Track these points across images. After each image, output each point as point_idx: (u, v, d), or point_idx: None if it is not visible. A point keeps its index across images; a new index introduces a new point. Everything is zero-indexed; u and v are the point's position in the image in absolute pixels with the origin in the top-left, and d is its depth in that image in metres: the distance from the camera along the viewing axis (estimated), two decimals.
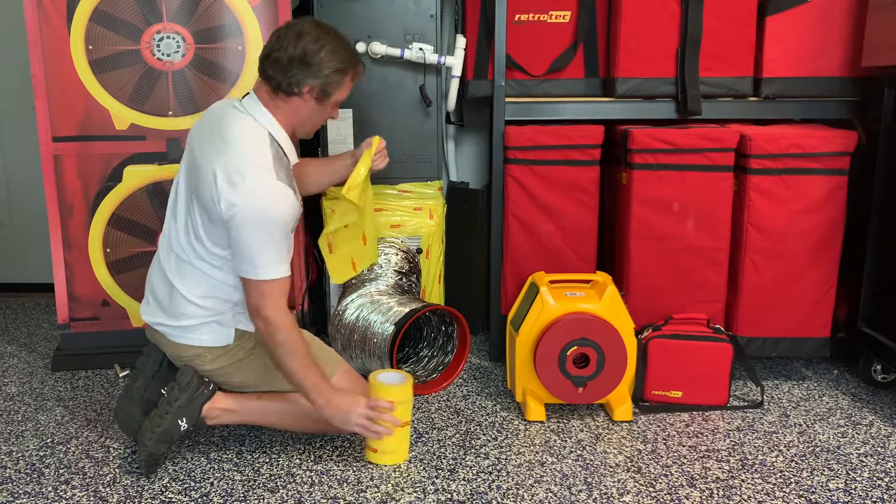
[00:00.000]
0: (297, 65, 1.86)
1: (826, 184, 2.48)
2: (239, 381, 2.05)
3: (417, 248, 2.75)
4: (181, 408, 1.94)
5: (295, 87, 1.88)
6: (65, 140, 2.60)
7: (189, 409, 1.95)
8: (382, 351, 2.43)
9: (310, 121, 2.00)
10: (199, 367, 2.02)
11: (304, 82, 1.88)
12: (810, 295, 2.53)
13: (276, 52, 1.87)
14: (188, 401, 1.95)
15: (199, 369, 2.02)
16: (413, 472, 2.01)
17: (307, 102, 1.93)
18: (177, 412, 1.94)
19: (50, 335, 3.08)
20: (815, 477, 2.00)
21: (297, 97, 1.91)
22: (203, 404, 1.97)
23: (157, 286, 2.05)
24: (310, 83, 1.89)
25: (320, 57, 1.86)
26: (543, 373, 2.26)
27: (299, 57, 1.85)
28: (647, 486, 1.95)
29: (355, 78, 1.99)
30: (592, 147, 2.59)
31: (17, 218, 3.60)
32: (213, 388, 1.99)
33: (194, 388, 1.96)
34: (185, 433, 1.96)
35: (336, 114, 2.06)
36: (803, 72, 2.59)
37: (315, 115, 1.99)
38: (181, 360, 2.04)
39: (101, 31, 2.54)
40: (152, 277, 2.09)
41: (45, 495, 1.91)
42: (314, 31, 1.87)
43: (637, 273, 2.55)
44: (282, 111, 1.94)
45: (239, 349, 2.02)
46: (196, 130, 2.01)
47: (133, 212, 2.66)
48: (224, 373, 2.03)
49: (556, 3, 2.66)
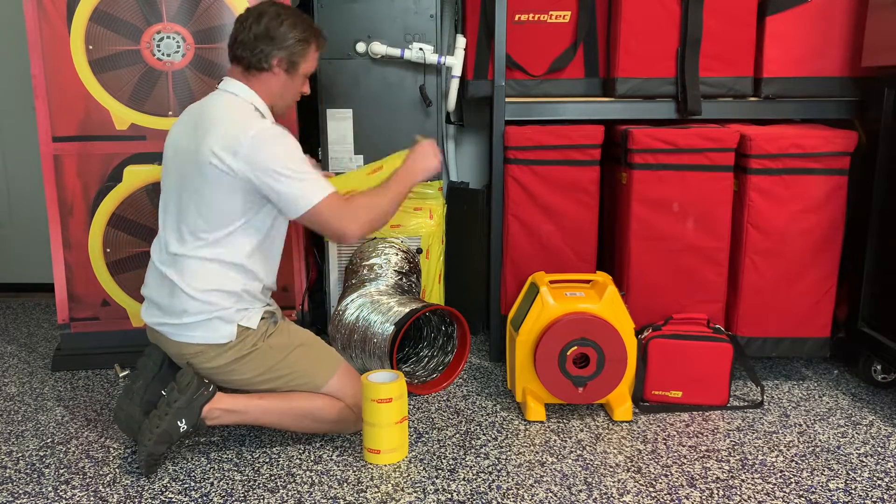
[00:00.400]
0: (262, 41, 2.00)
1: (826, 184, 2.48)
2: (241, 379, 2.05)
3: (417, 248, 2.76)
4: (180, 409, 1.94)
5: (264, 61, 2.02)
6: (65, 140, 2.60)
7: (188, 410, 1.95)
8: (382, 351, 2.43)
9: (283, 95, 2.10)
10: (200, 366, 2.02)
11: (271, 55, 2.01)
12: (810, 295, 2.53)
13: (242, 33, 2.01)
14: (187, 402, 1.95)
15: (201, 368, 2.02)
16: (413, 472, 2.01)
17: (277, 75, 2.05)
18: (176, 413, 1.94)
19: (50, 335, 3.08)
20: (815, 477, 2.00)
21: (267, 72, 2.04)
22: (203, 406, 1.97)
23: (155, 288, 2.06)
24: (277, 55, 2.02)
25: (281, 31, 2.01)
26: (543, 373, 2.26)
27: (263, 33, 1.99)
28: (647, 486, 1.95)
29: (319, 49, 2.12)
30: (592, 147, 2.59)
31: (17, 218, 3.60)
32: (212, 389, 1.99)
33: (194, 389, 1.96)
34: (185, 434, 1.96)
35: (307, 88, 2.16)
36: (803, 72, 2.59)
37: (287, 89, 2.10)
38: (183, 358, 2.04)
39: (101, 30, 2.54)
40: (149, 280, 2.10)
41: (45, 495, 1.91)
42: (272, 10, 2.03)
43: (637, 273, 2.55)
44: (256, 87, 2.05)
45: (241, 346, 2.03)
46: (178, 130, 2.08)
47: (133, 212, 2.66)
48: (226, 370, 2.03)
49: (556, 3, 2.66)
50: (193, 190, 1.97)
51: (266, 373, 2.05)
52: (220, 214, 1.97)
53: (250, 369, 2.04)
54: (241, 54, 2.02)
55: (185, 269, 1.99)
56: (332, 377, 2.09)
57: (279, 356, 2.06)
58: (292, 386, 2.07)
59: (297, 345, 2.09)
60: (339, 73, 2.74)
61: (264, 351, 2.04)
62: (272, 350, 2.05)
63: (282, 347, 2.07)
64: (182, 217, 2.00)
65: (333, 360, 2.14)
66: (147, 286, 2.11)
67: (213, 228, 1.97)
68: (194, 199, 1.97)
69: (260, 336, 2.05)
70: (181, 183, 2.01)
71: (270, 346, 2.05)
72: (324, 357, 2.13)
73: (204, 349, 2.01)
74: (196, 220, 1.98)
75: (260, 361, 2.04)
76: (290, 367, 2.06)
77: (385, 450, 2.04)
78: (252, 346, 2.04)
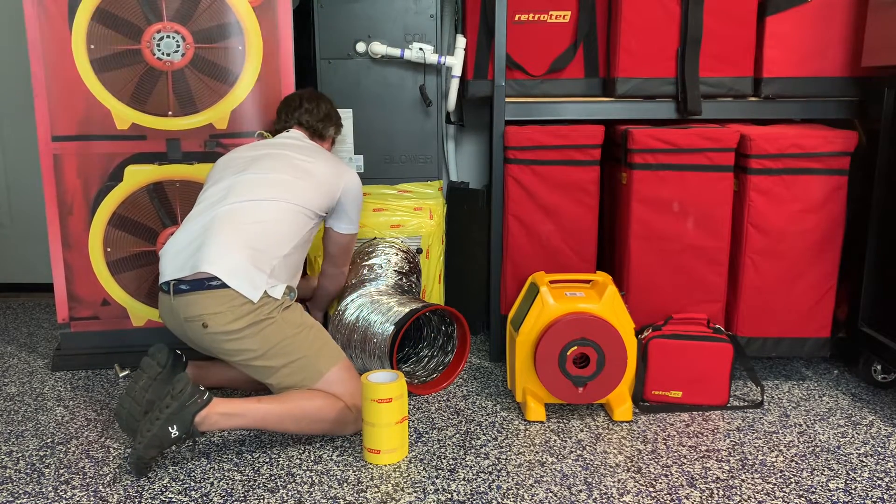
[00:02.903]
0: (327, 119, 2.53)
1: (826, 184, 2.48)
2: (247, 351, 2.07)
3: (417, 248, 2.76)
4: (172, 415, 1.93)
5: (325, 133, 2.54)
6: (65, 139, 2.60)
7: (180, 416, 1.93)
8: (382, 351, 2.43)
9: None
10: (216, 329, 2.04)
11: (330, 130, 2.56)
12: (810, 295, 2.53)
13: (313, 110, 2.51)
14: (179, 408, 1.93)
15: (218, 331, 2.04)
16: (413, 472, 2.01)
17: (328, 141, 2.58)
18: (167, 419, 1.92)
19: (50, 335, 3.08)
20: (815, 477, 2.00)
21: (326, 141, 2.56)
22: (196, 413, 1.94)
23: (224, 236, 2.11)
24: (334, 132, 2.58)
25: (335, 115, 2.58)
26: (543, 373, 2.26)
27: (327, 115, 2.53)
28: (647, 486, 1.95)
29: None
30: (592, 147, 2.59)
31: (17, 218, 3.60)
32: (207, 396, 1.97)
33: (187, 396, 1.95)
34: (177, 440, 1.94)
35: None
36: (803, 72, 2.59)
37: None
38: (201, 318, 2.05)
39: (102, 30, 2.54)
40: (213, 230, 2.13)
41: (45, 495, 1.91)
42: (327, 99, 2.57)
43: (637, 273, 2.56)
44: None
45: (259, 311, 2.06)
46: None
47: (133, 211, 2.66)
48: (237, 337, 2.05)
49: (556, 3, 2.66)
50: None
51: (272, 348, 2.07)
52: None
53: (259, 340, 2.06)
54: (312, 124, 2.50)
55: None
56: (334, 366, 2.11)
57: (289, 332, 2.09)
58: (292, 368, 2.08)
59: (309, 325, 2.15)
60: (339, 73, 2.74)
61: (278, 323, 2.07)
62: (285, 324, 2.09)
63: (294, 324, 2.11)
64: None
65: (338, 350, 2.19)
66: (200, 234, 2.19)
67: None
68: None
69: (277, 307, 2.08)
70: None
71: (284, 319, 2.09)
72: (330, 345, 2.17)
73: (225, 309, 2.03)
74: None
75: (271, 333, 2.07)
76: (296, 347, 2.09)
77: (385, 450, 2.04)
78: (268, 314, 2.07)
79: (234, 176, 2.25)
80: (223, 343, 2.07)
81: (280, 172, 2.25)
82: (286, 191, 2.21)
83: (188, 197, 2.64)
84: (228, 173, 2.27)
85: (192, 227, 2.17)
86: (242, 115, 2.64)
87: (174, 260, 2.14)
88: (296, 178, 2.25)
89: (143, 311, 2.73)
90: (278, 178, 2.24)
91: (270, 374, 2.10)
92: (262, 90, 2.63)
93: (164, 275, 2.16)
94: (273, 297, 2.09)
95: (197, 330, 2.08)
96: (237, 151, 2.40)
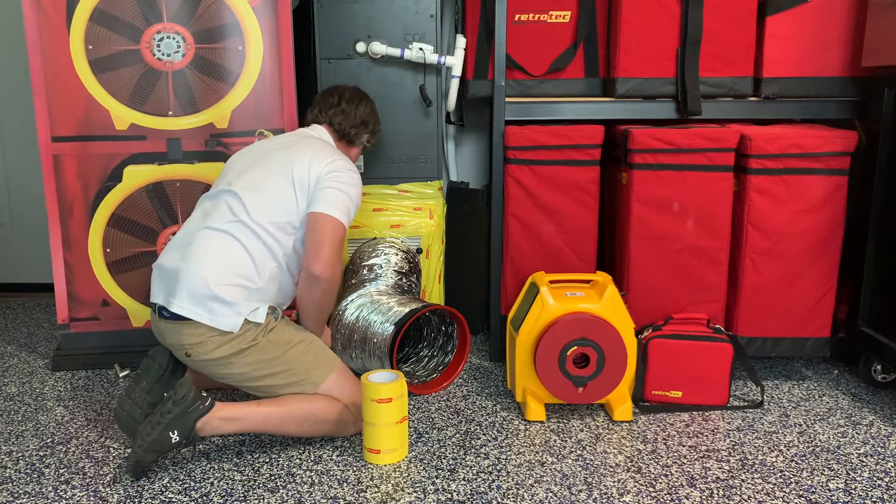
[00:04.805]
0: (362, 125, 2.44)
1: (826, 184, 2.48)
2: (237, 373, 2.07)
3: (417, 248, 2.76)
4: (173, 420, 1.93)
5: (356, 139, 2.46)
6: (64, 140, 2.60)
7: (181, 422, 1.93)
8: (382, 351, 2.43)
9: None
10: (200, 358, 2.03)
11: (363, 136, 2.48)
12: (810, 295, 2.53)
13: (349, 111, 2.41)
14: (181, 414, 1.93)
15: (201, 359, 2.03)
16: (413, 472, 2.01)
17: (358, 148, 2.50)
18: (168, 424, 1.92)
19: (50, 335, 3.08)
20: (815, 477, 2.00)
21: (354, 147, 2.48)
22: (197, 420, 1.94)
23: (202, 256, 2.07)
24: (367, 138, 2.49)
25: (374, 120, 2.50)
26: (543, 373, 2.26)
27: (364, 118, 2.44)
28: (647, 486, 1.95)
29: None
30: (592, 147, 2.59)
31: (17, 218, 3.60)
32: (209, 403, 1.97)
33: (189, 402, 1.94)
34: (177, 445, 1.94)
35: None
36: (803, 72, 2.59)
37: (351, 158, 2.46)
38: (183, 348, 2.05)
39: (100, 30, 2.54)
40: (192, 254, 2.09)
41: (45, 495, 1.91)
42: (369, 100, 2.49)
43: (637, 273, 2.55)
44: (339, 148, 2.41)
45: (241, 340, 2.04)
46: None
47: (133, 212, 2.66)
48: (224, 363, 2.04)
49: (556, 3, 2.66)
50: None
51: (263, 368, 2.06)
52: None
53: (247, 363, 2.05)
54: (342, 126, 2.40)
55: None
56: (330, 374, 2.10)
57: (277, 352, 2.07)
58: (287, 384, 2.08)
59: (296, 342, 2.11)
60: (339, 73, 2.74)
61: (263, 346, 2.06)
62: (271, 346, 2.07)
63: (281, 344, 2.09)
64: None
65: (331, 358, 2.16)
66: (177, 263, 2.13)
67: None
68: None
69: (260, 331, 2.06)
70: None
71: (270, 341, 2.07)
72: (322, 355, 2.14)
73: (205, 339, 2.02)
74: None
75: (257, 357, 2.05)
76: (288, 364, 2.08)
77: (385, 450, 2.04)
78: (252, 341, 2.05)
79: (216, 196, 2.18)
80: (210, 368, 2.08)
81: (256, 192, 2.14)
82: (259, 210, 2.11)
83: (189, 196, 2.64)
84: (222, 185, 2.21)
85: (176, 253, 2.13)
86: (243, 115, 2.64)
87: (160, 281, 2.13)
88: (275, 192, 2.15)
89: (142, 311, 2.73)
90: (253, 198, 2.13)
91: (265, 392, 2.10)
92: (263, 90, 2.63)
93: (153, 294, 2.14)
94: (255, 322, 2.06)
95: (182, 356, 2.10)
96: (236, 157, 2.32)
